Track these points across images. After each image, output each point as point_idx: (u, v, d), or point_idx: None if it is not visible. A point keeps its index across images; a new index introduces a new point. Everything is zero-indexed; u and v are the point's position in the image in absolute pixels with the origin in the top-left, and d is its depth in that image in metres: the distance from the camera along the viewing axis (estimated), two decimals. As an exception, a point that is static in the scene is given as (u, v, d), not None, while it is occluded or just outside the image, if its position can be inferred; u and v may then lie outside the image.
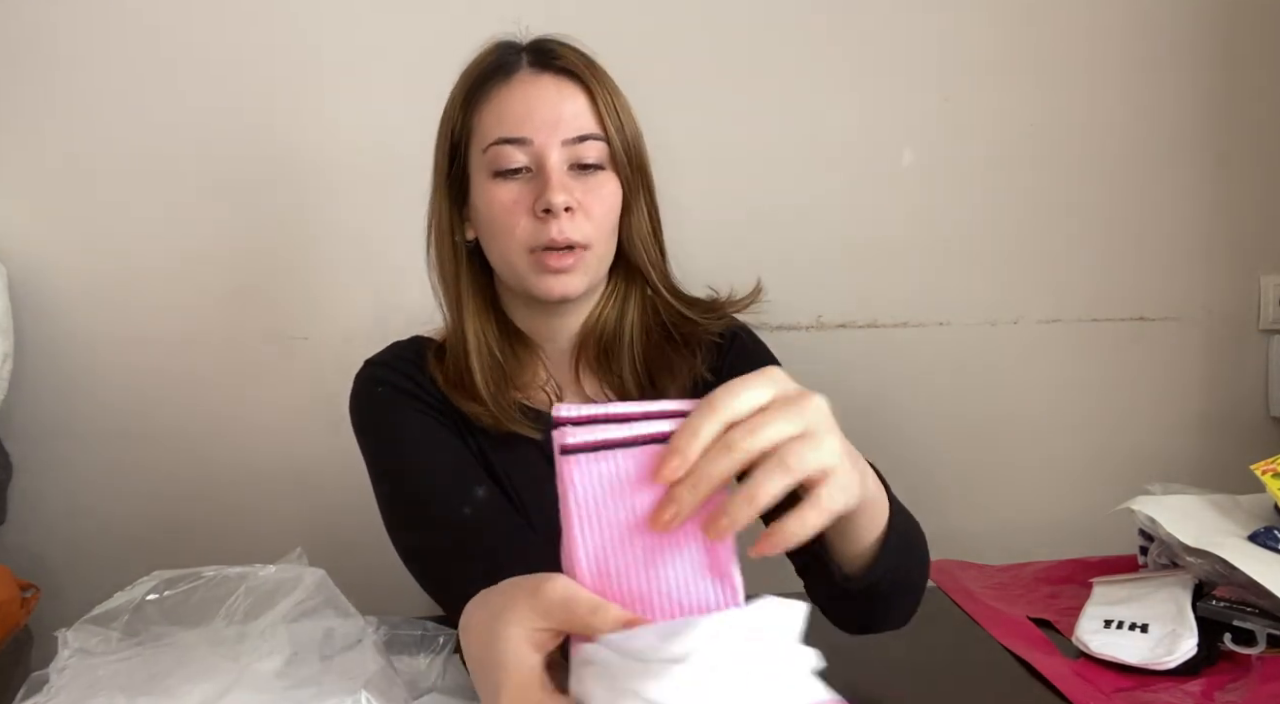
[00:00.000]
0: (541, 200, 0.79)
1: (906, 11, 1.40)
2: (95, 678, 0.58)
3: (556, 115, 0.81)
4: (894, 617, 0.76)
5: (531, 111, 0.81)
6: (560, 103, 0.81)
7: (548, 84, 0.82)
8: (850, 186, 1.42)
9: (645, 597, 0.45)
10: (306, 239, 1.34)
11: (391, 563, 0.82)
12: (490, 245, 0.84)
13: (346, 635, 0.64)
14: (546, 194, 0.79)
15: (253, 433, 1.35)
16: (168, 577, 0.69)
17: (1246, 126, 1.48)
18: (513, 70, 0.83)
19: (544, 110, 0.81)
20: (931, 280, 1.44)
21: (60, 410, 1.31)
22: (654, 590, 0.45)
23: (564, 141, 0.81)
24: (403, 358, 0.88)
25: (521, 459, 0.85)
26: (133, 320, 1.32)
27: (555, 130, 0.80)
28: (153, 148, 1.30)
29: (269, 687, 0.57)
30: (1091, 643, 0.85)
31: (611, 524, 0.45)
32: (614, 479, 0.45)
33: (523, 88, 0.82)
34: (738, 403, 0.47)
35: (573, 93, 0.82)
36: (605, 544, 0.45)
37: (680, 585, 0.46)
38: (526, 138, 0.80)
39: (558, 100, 0.82)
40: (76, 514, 1.32)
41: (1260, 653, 0.83)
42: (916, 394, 1.46)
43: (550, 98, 0.81)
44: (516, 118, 0.81)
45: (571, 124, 0.81)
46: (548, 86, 0.82)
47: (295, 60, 1.31)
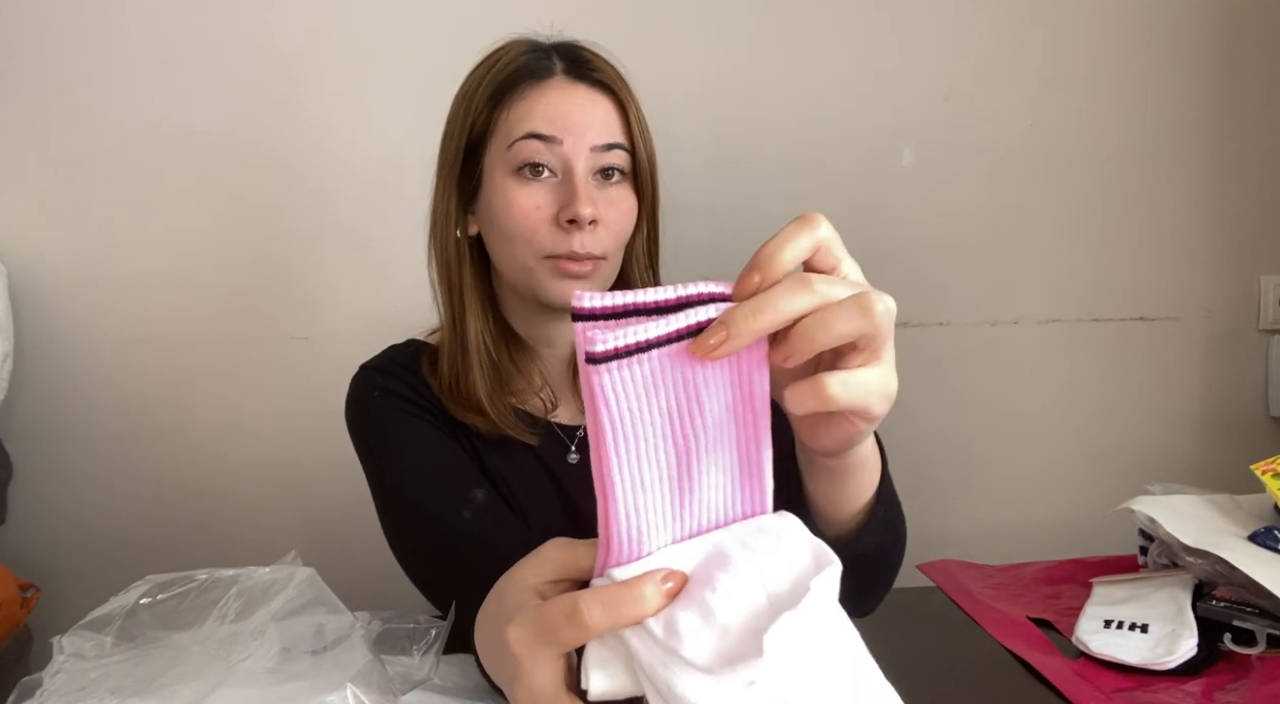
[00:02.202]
0: (568, 210, 0.79)
1: (907, 12, 1.40)
2: (87, 681, 0.58)
3: (589, 121, 0.81)
4: (868, 599, 0.74)
5: (565, 113, 0.81)
6: (593, 111, 0.82)
7: (582, 92, 0.83)
8: (850, 186, 1.42)
9: (678, 505, 0.42)
10: (306, 239, 1.34)
11: (389, 563, 0.82)
12: (502, 247, 0.84)
13: (336, 631, 0.64)
14: (574, 205, 0.78)
15: (252, 433, 1.35)
16: (161, 580, 0.69)
17: (1246, 127, 1.47)
18: (546, 75, 0.83)
19: (576, 114, 0.81)
20: (931, 280, 1.44)
21: (60, 410, 1.31)
22: (686, 499, 0.42)
23: (593, 147, 0.81)
24: (398, 362, 0.88)
25: (517, 463, 0.85)
26: (132, 320, 1.32)
27: (586, 135, 0.81)
28: (153, 148, 1.30)
29: (258, 683, 0.57)
30: (1091, 643, 0.85)
31: (645, 435, 0.40)
32: (649, 384, 0.39)
33: (557, 93, 0.82)
34: (834, 245, 0.43)
35: (605, 104, 0.83)
36: (641, 456, 0.40)
37: (713, 494, 0.42)
38: (556, 136, 0.80)
39: (591, 108, 0.82)
40: (76, 514, 1.33)
41: (1260, 653, 0.83)
42: (916, 394, 1.46)
43: (584, 105, 0.82)
44: (549, 117, 0.81)
45: (602, 131, 0.81)
46: (581, 95, 0.82)
47: (296, 60, 1.31)
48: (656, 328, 0.39)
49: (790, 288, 0.40)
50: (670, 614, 0.40)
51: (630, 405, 0.39)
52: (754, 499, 0.44)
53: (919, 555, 0.95)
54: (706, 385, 0.41)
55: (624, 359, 0.38)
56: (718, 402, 0.41)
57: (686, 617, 0.39)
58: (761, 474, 0.43)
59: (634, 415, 0.39)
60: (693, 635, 0.39)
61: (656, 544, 0.42)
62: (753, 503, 0.44)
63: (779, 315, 0.39)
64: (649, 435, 0.40)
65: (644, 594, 0.40)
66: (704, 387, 0.41)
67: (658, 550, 0.42)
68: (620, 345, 0.38)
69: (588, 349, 0.38)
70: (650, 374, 0.39)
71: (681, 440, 0.41)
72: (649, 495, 0.41)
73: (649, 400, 0.40)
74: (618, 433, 0.39)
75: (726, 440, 0.42)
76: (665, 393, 0.40)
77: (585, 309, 0.39)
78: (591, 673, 0.41)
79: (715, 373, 0.41)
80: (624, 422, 0.39)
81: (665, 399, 0.40)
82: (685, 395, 0.40)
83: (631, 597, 0.40)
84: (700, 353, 0.39)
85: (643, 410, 0.40)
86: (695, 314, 0.39)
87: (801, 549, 0.42)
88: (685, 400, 0.40)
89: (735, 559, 0.41)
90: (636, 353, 0.39)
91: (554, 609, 0.41)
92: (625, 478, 0.40)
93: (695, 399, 0.41)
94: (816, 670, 0.38)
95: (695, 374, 0.40)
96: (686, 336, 0.39)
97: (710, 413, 0.41)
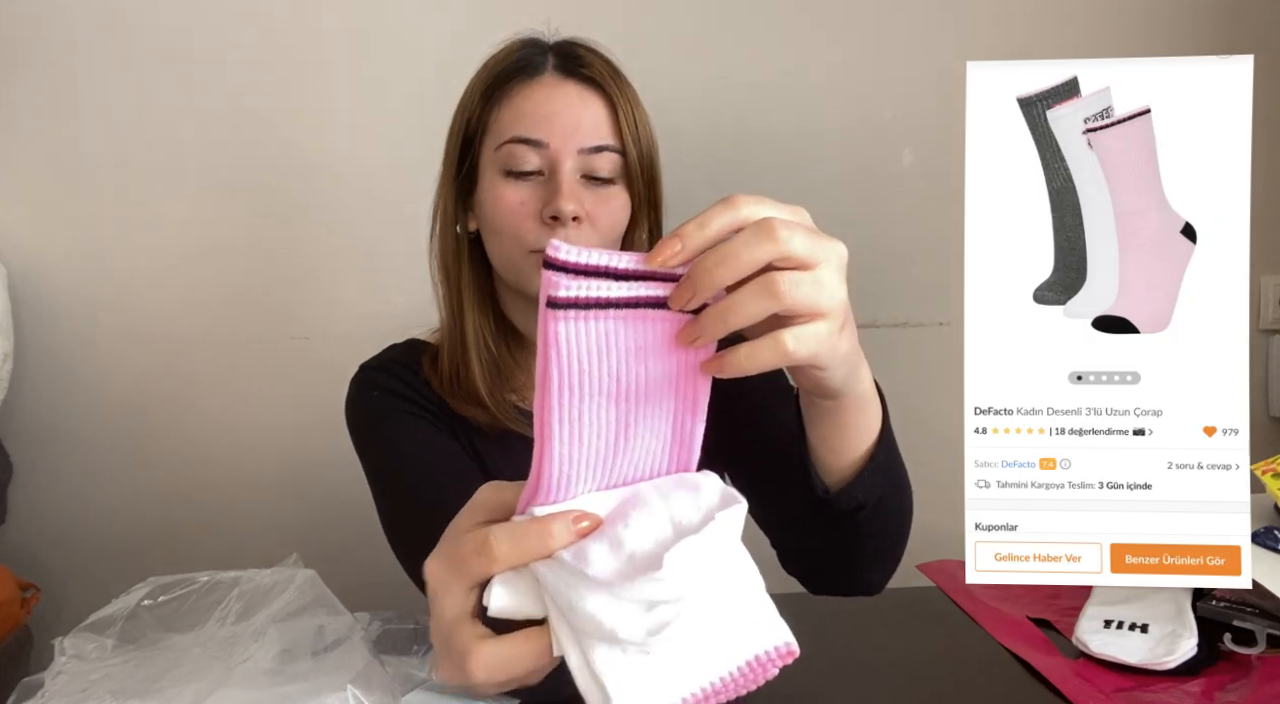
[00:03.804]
0: (551, 207, 0.79)
1: (907, 11, 1.40)
2: (88, 682, 0.58)
3: (576, 122, 0.81)
4: (875, 566, 0.73)
5: (552, 115, 0.80)
6: (581, 110, 0.81)
7: (571, 90, 0.82)
8: (850, 186, 1.41)
9: (609, 461, 0.44)
10: (306, 239, 1.34)
11: (390, 563, 0.82)
12: (493, 242, 0.84)
13: (336, 632, 0.64)
14: (557, 201, 0.78)
15: (252, 433, 1.35)
16: (162, 582, 0.69)
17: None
18: (537, 71, 0.83)
19: (564, 116, 0.80)
20: (931, 280, 1.44)
21: (60, 410, 1.31)
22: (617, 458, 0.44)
23: (580, 150, 0.80)
24: (397, 361, 0.88)
25: (518, 460, 0.85)
26: (133, 320, 1.32)
27: (573, 137, 0.80)
28: (153, 148, 1.30)
29: (258, 684, 0.57)
30: (1091, 643, 0.85)
31: (590, 391, 0.41)
32: (602, 342, 0.41)
33: (546, 90, 0.82)
34: (760, 208, 0.43)
35: (595, 102, 0.82)
36: (582, 411, 0.41)
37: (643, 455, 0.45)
38: (543, 141, 0.80)
39: (579, 108, 0.81)
40: (76, 514, 1.33)
41: (1260, 653, 0.83)
42: (916, 394, 1.46)
43: (572, 104, 0.81)
44: (535, 120, 0.80)
45: (590, 133, 0.81)
46: (570, 92, 0.82)
47: (297, 61, 1.31)
48: (620, 289, 0.40)
49: (751, 237, 0.41)
50: (581, 544, 0.42)
51: (580, 359, 0.40)
52: (680, 464, 0.46)
53: (919, 555, 0.95)
54: (654, 354, 0.42)
55: (583, 311, 0.40)
56: (661, 371, 0.43)
57: (596, 547, 0.42)
58: (691, 443, 0.46)
59: (582, 369, 0.41)
60: (600, 559, 0.41)
61: (580, 491, 0.44)
62: (678, 468, 0.46)
63: (740, 264, 0.41)
64: (593, 392, 0.41)
65: (553, 530, 0.42)
66: (651, 355, 0.42)
67: (580, 495, 0.44)
68: (582, 296, 0.39)
69: (550, 293, 0.39)
70: (604, 333, 0.41)
71: (622, 402, 0.42)
72: (583, 449, 0.42)
73: (599, 358, 0.41)
74: (564, 383, 0.41)
75: (664, 409, 0.44)
76: (615, 355, 0.41)
77: (559, 260, 0.39)
78: (495, 587, 0.43)
79: (664, 344, 0.43)
80: (571, 373, 0.41)
81: (614, 360, 0.41)
82: (633, 360, 0.42)
83: (541, 531, 0.42)
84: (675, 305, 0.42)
85: (591, 366, 0.41)
86: (659, 288, 0.41)
87: (713, 493, 0.44)
88: (632, 365, 0.42)
89: (650, 501, 0.44)
90: (596, 308, 0.40)
91: (465, 541, 0.43)
92: (563, 428, 0.41)
93: (642, 365, 0.42)
94: (711, 592, 0.42)
95: (646, 342, 0.42)
96: (647, 306, 0.41)
97: (653, 380, 0.43)
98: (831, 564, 0.73)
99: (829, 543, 0.69)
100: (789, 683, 0.84)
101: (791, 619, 0.47)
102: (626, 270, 0.41)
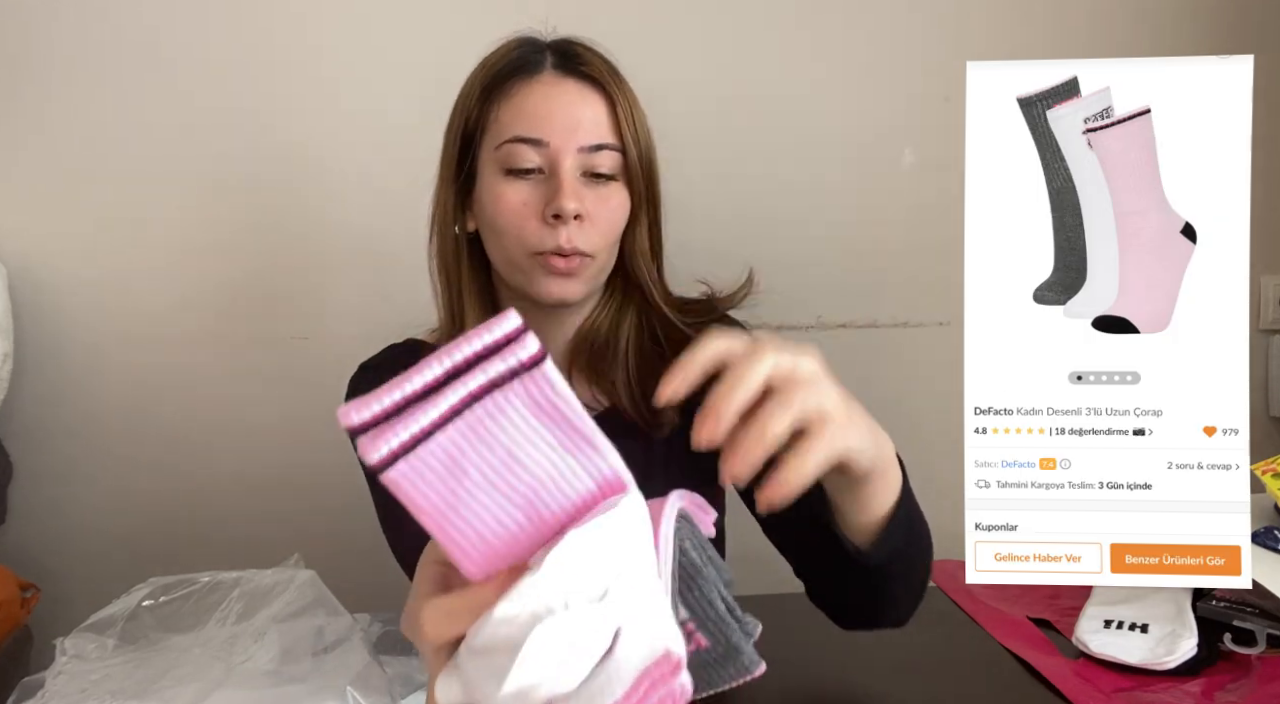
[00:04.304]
0: (553, 205, 0.79)
1: (908, 11, 1.40)
2: (88, 682, 0.58)
3: (576, 121, 0.80)
4: (900, 605, 0.74)
5: (551, 114, 0.80)
6: (581, 108, 0.81)
7: (570, 88, 0.82)
8: (850, 186, 1.41)
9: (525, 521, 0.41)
10: (306, 239, 1.34)
11: (390, 564, 0.82)
12: (493, 242, 0.84)
13: (336, 633, 0.64)
14: (559, 200, 0.78)
15: (253, 433, 1.35)
16: (163, 583, 0.69)
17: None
18: (536, 70, 0.82)
19: (563, 114, 0.80)
20: (931, 280, 1.44)
21: (60, 410, 1.31)
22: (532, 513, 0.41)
23: (580, 148, 0.80)
24: (396, 361, 0.88)
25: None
26: (133, 320, 1.32)
27: (573, 135, 0.80)
28: (153, 148, 1.30)
29: (258, 684, 0.57)
30: (1091, 643, 0.85)
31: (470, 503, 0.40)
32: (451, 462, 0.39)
33: (544, 89, 0.81)
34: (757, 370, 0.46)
35: (594, 100, 0.82)
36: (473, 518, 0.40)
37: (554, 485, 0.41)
38: (543, 140, 0.80)
39: (579, 106, 0.81)
40: (76, 514, 1.32)
41: (1260, 653, 0.83)
42: (916, 394, 1.46)
43: (572, 102, 0.81)
44: (535, 118, 0.80)
45: (590, 132, 0.81)
46: (570, 91, 0.82)
47: (296, 60, 1.31)
48: (428, 413, 0.39)
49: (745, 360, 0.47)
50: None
51: (441, 489, 0.39)
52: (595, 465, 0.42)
53: (919, 555, 0.95)
54: (508, 430, 0.41)
55: (408, 455, 0.39)
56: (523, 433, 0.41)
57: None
58: (592, 443, 0.42)
59: (452, 494, 0.40)
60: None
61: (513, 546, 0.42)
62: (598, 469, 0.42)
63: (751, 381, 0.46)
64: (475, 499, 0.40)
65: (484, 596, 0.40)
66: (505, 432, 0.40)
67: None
68: (396, 445, 0.38)
69: (370, 462, 0.38)
70: (446, 454, 0.39)
71: (507, 487, 0.41)
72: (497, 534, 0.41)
73: (458, 475, 0.40)
74: (444, 519, 0.40)
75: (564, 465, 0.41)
76: (473, 459, 0.40)
77: (356, 424, 0.39)
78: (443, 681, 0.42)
79: (511, 416, 0.41)
80: (445, 505, 0.40)
81: (476, 464, 0.40)
82: (494, 451, 0.40)
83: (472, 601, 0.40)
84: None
85: (457, 486, 0.40)
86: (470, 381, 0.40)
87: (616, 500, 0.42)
88: (496, 454, 0.40)
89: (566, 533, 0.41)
90: (418, 445, 0.39)
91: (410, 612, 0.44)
92: (468, 542, 0.40)
93: (506, 449, 0.40)
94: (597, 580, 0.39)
95: (494, 429, 0.40)
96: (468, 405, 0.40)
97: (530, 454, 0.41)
98: (859, 606, 0.74)
99: (857, 591, 0.70)
100: (790, 682, 0.84)
101: (791, 619, 0.47)
102: (426, 385, 0.39)
